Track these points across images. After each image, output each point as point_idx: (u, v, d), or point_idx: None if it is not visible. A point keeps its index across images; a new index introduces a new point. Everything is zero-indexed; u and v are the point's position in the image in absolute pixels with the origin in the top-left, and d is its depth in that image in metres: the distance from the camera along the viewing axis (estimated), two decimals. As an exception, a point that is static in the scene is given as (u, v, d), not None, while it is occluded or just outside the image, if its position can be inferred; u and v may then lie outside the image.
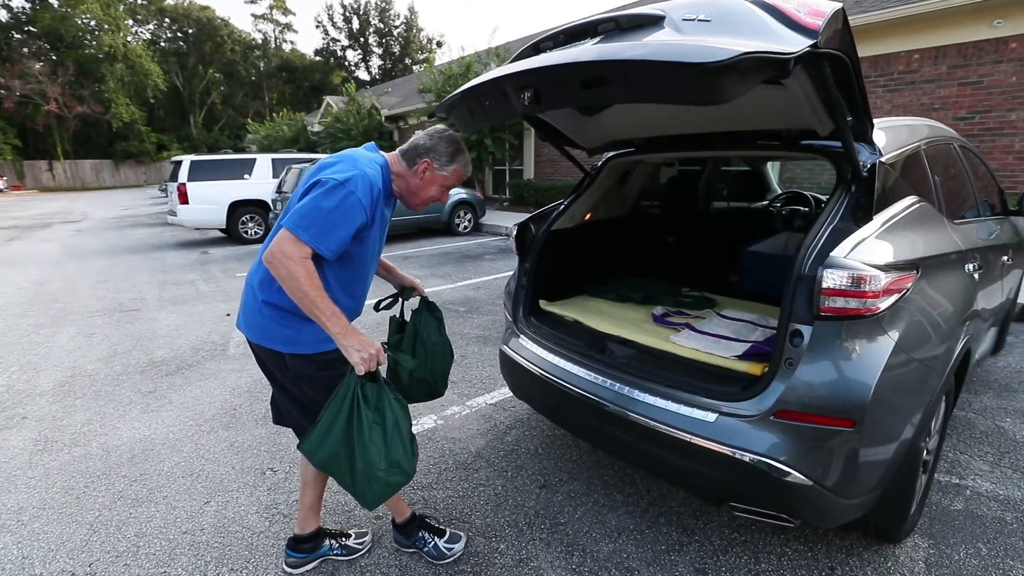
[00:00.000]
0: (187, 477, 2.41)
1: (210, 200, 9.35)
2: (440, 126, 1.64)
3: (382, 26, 47.96)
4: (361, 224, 1.44)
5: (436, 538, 1.88)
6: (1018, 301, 3.30)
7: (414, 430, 2.81)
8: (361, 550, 1.91)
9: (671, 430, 1.55)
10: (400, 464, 1.47)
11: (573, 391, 1.84)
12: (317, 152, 16.91)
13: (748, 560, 1.82)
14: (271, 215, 9.11)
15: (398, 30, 48.52)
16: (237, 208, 9.69)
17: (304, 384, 1.58)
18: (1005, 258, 2.55)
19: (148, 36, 41.54)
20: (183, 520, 2.11)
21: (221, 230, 9.99)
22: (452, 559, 1.86)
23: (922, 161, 1.94)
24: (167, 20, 41.92)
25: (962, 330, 1.75)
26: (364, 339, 1.41)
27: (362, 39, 48.34)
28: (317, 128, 20.87)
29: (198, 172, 9.27)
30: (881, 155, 1.62)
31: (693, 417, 1.53)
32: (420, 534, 1.88)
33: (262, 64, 47.11)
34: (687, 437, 1.51)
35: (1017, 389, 3.13)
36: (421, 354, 1.87)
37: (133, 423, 2.93)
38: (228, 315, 5.10)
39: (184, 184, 9.07)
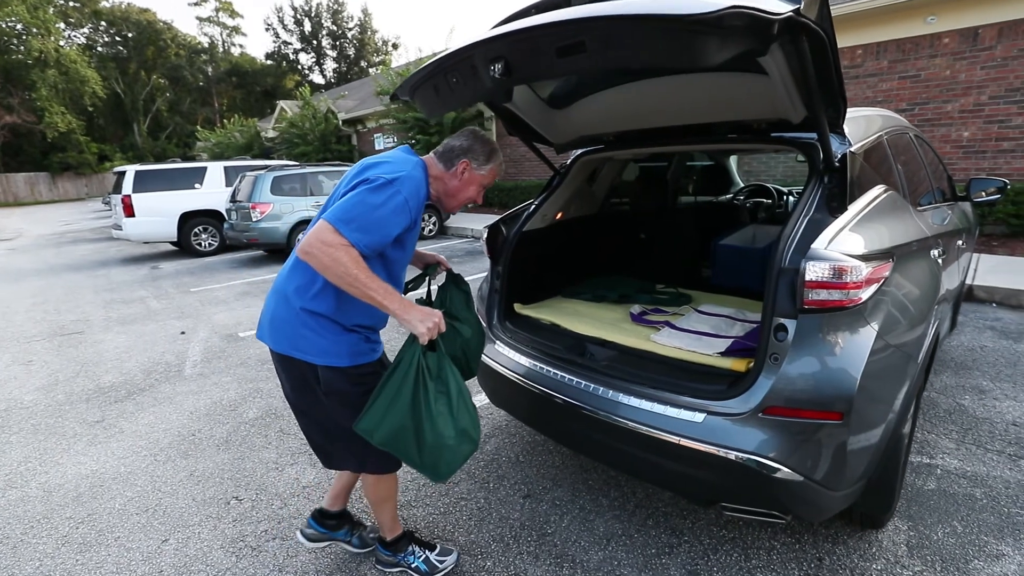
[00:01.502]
0: (142, 514, 2.22)
1: (158, 212, 8.85)
2: (469, 127, 1.65)
3: (335, 28, 46.88)
4: (405, 227, 1.42)
5: (427, 551, 1.80)
6: (967, 282, 3.45)
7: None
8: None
9: (659, 433, 1.50)
10: (468, 432, 1.47)
11: (555, 397, 1.78)
12: (272, 159, 16.36)
13: (739, 557, 1.80)
14: (226, 225, 8.70)
15: (352, 32, 47.52)
16: (189, 219, 9.21)
17: (334, 400, 1.52)
18: (960, 242, 2.65)
19: (83, 40, 39.20)
20: (138, 563, 1.93)
21: (172, 243, 9.49)
22: (443, 573, 1.77)
23: (886, 150, 1.98)
24: (103, 23, 39.62)
25: (932, 314, 1.78)
26: (424, 308, 1.41)
27: (315, 42, 47.10)
28: (271, 134, 20.19)
29: (144, 183, 8.76)
30: (851, 145, 1.63)
31: (681, 418, 1.49)
32: (409, 548, 1.79)
33: (210, 69, 45.25)
34: (676, 439, 1.47)
35: (972, 367, 3.26)
36: (450, 331, 1.74)
37: (78, 458, 2.70)
38: (183, 333, 4.81)
39: (129, 196, 8.55)
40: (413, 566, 1.77)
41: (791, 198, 4.23)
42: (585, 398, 1.70)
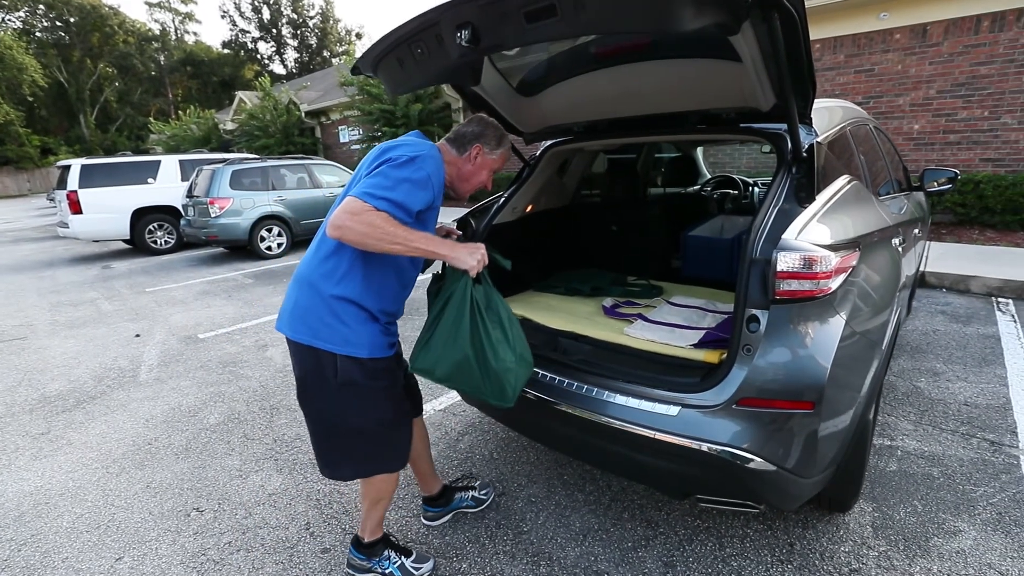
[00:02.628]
0: (93, 531, 2.08)
1: (108, 208, 8.38)
2: (478, 114, 1.68)
3: (295, 16, 45.39)
4: (428, 202, 1.43)
5: (402, 557, 1.75)
6: (921, 269, 3.60)
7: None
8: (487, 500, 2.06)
9: (634, 427, 1.49)
10: (525, 356, 1.53)
11: (528, 394, 1.74)
12: (232, 152, 15.74)
13: (713, 547, 1.82)
14: (182, 222, 8.31)
15: (313, 21, 46.10)
16: (142, 216, 8.76)
17: (348, 392, 1.50)
18: (916, 230, 2.75)
19: (19, 25, 36.66)
20: (89, 584, 1.81)
21: (125, 241, 9.01)
22: None
23: (849, 141, 2.01)
24: (41, 7, 37.11)
25: (895, 301, 1.83)
26: (469, 244, 1.47)
27: (274, 30, 45.51)
28: (231, 126, 19.42)
29: (91, 177, 8.26)
30: (817, 135, 1.64)
31: (655, 412, 1.48)
32: (385, 552, 1.74)
33: (162, 57, 43.12)
34: (651, 433, 1.46)
35: (926, 350, 3.41)
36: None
37: (21, 474, 2.52)
38: (138, 336, 4.57)
39: (75, 192, 8.05)
40: (387, 572, 1.72)
41: (756, 189, 4.31)
42: (558, 394, 1.67)
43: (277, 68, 46.19)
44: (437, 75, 1.72)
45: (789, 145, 1.56)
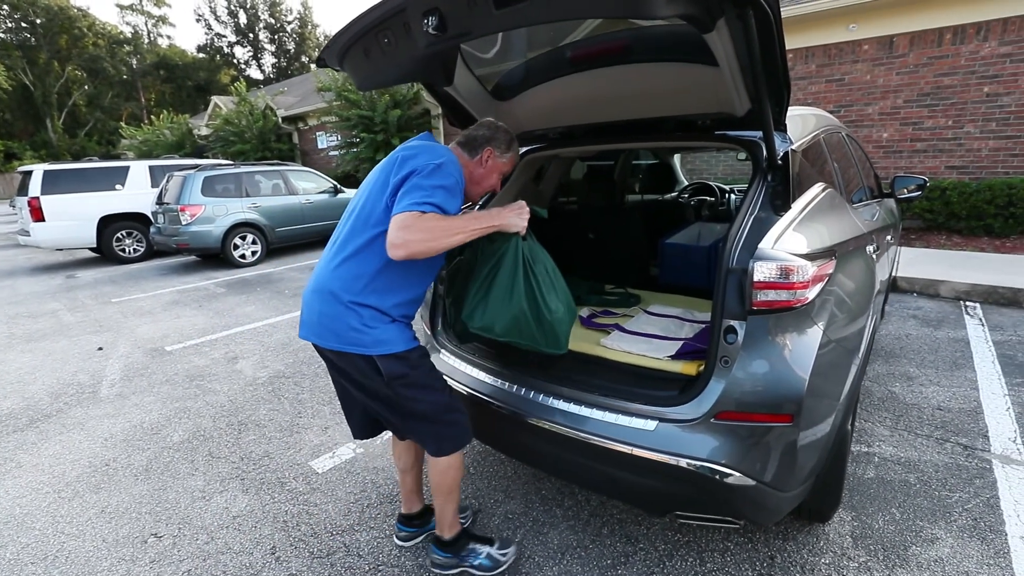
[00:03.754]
0: (39, 562, 1.94)
1: (73, 215, 8.07)
2: (487, 119, 1.71)
3: (273, 21, 44.86)
4: (458, 207, 1.46)
5: (487, 547, 1.77)
6: (893, 274, 3.65)
7: (331, 462, 2.52)
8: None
9: (611, 443, 1.44)
10: (570, 304, 1.62)
11: (504, 408, 1.68)
12: (207, 157, 15.39)
13: (694, 562, 1.78)
14: (152, 230, 8.05)
15: (291, 26, 45.63)
16: (110, 223, 8.46)
17: (399, 385, 1.51)
18: (888, 237, 2.78)
19: (-19, 26, 35.44)
20: (31, 621, 1.68)
21: (92, 249, 8.69)
22: (506, 567, 1.77)
23: (823, 148, 2.01)
24: (5, 7, 35.91)
25: (871, 309, 1.82)
26: (511, 205, 1.54)
27: (251, 35, 44.90)
28: (205, 131, 19.00)
29: (55, 184, 7.95)
30: (792, 143, 1.63)
31: (632, 427, 1.43)
32: (470, 546, 1.75)
33: (134, 61, 42.08)
34: (628, 449, 1.41)
35: (899, 355, 3.45)
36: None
37: (-37, 500, 2.35)
38: (100, 349, 4.38)
39: (37, 198, 7.74)
40: (476, 564, 1.72)
41: (733, 196, 4.34)
42: (533, 408, 1.62)
43: (254, 73, 45.57)
44: (407, 71, 1.66)
45: (764, 153, 1.55)
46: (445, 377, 1.93)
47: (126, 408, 3.23)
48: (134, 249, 8.81)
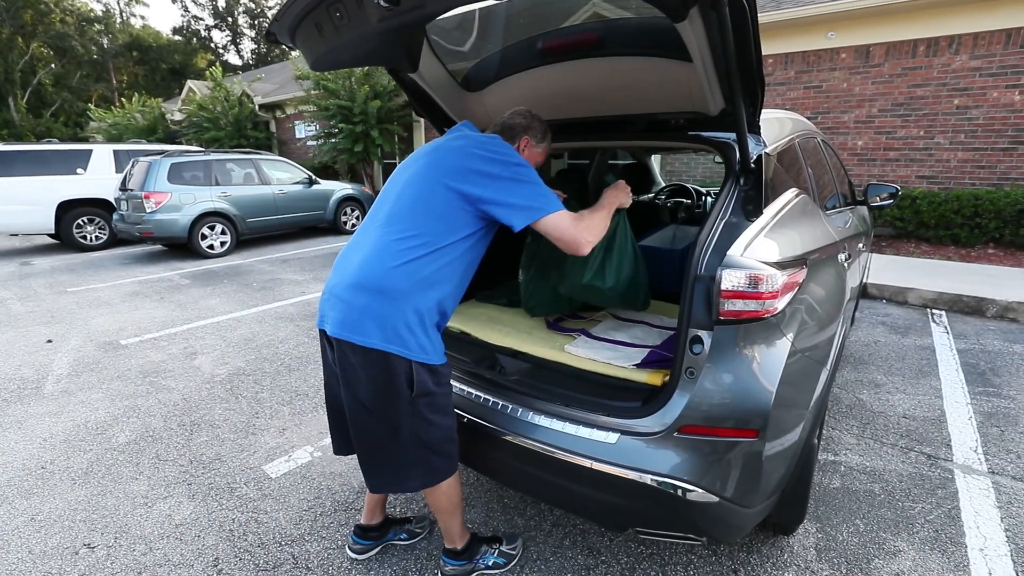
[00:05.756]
0: (-46, 576, 1.79)
1: (29, 200, 7.68)
2: (522, 107, 1.71)
3: (253, 6, 43.66)
4: None
5: (497, 546, 1.76)
6: (864, 281, 3.67)
7: (286, 466, 2.39)
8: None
9: (570, 456, 1.37)
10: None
11: (462, 417, 1.60)
12: (179, 143, 14.87)
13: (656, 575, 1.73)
14: (115, 217, 7.71)
15: (272, 11, 44.45)
16: (70, 209, 8.09)
17: (423, 403, 1.41)
18: (860, 244, 2.77)
19: (-62, -2, 33.58)
20: (-63, 644, 1.54)
21: (50, 235, 8.29)
22: (516, 560, 1.78)
23: (797, 153, 1.97)
24: (-34, -21, 34.16)
25: (841, 318, 1.79)
26: (612, 187, 1.70)
27: (230, 19, 43.64)
28: (179, 116, 18.37)
29: (9, 165, 7.56)
30: (766, 146, 1.57)
31: (593, 439, 1.36)
32: (482, 548, 1.73)
33: (105, 40, 40.46)
34: (588, 463, 1.34)
35: (868, 361, 3.47)
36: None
37: None
38: (49, 342, 4.15)
39: (-11, 180, 7.36)
40: (491, 564, 1.71)
41: (709, 198, 4.32)
42: (492, 417, 1.54)
43: (233, 59, 44.30)
44: (366, 52, 1.55)
45: (737, 155, 1.49)
46: None
47: (71, 406, 3.04)
48: (96, 236, 8.45)
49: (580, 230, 1.40)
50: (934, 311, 4.54)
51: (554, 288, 1.97)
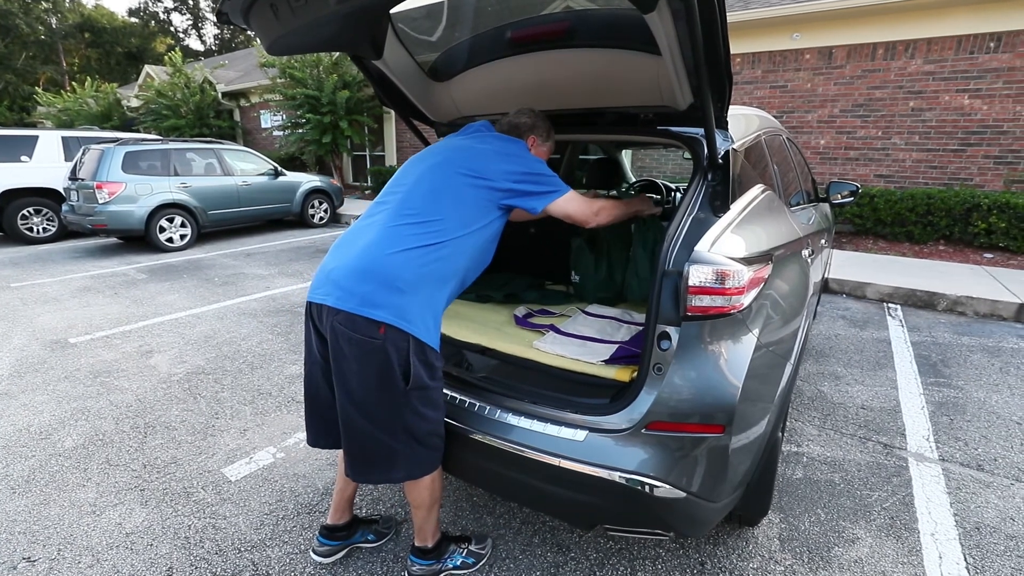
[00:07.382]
0: None
1: (-34, 189, 7.20)
2: (526, 107, 1.74)
3: (216, -11, 41.96)
4: None
5: (466, 545, 1.74)
6: (825, 276, 3.78)
7: (247, 469, 2.31)
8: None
9: (538, 455, 1.35)
10: None
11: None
12: (136, 130, 14.19)
13: (625, 570, 1.73)
14: (64, 208, 7.29)
15: (236, -5, 42.76)
16: (13, 199, 7.62)
17: (415, 396, 1.38)
18: (823, 241, 2.84)
19: None
20: None
21: (-8, 228, 7.80)
22: (485, 560, 1.76)
23: (763, 150, 2.00)
24: None
25: (804, 313, 1.82)
26: (636, 198, 1.97)
27: (191, 1, 41.86)
28: (135, 103, 17.52)
29: (-55, 152, 7.06)
30: (733, 142, 1.58)
31: (561, 437, 1.35)
32: (450, 548, 1.71)
33: (53, 20, 38.20)
34: (555, 461, 1.32)
35: (829, 354, 3.58)
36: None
37: None
38: (-12, 340, 3.88)
39: (-81, 168, 6.84)
40: (459, 563, 1.68)
41: (679, 194, 4.37)
42: (459, 415, 1.51)
43: (194, 44, 42.55)
44: (327, 37, 1.48)
45: (705, 150, 1.48)
46: None
47: (12, 409, 2.85)
48: (43, 228, 7.99)
49: (592, 207, 1.56)
50: (890, 305, 4.73)
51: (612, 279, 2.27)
